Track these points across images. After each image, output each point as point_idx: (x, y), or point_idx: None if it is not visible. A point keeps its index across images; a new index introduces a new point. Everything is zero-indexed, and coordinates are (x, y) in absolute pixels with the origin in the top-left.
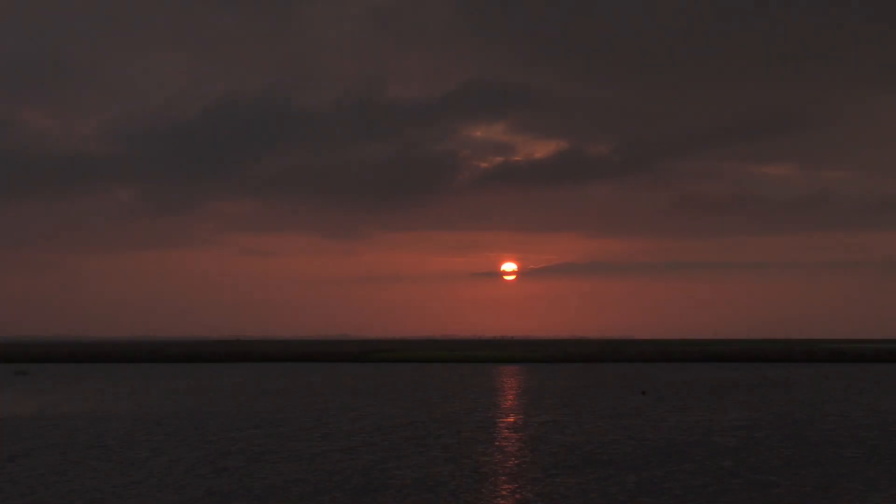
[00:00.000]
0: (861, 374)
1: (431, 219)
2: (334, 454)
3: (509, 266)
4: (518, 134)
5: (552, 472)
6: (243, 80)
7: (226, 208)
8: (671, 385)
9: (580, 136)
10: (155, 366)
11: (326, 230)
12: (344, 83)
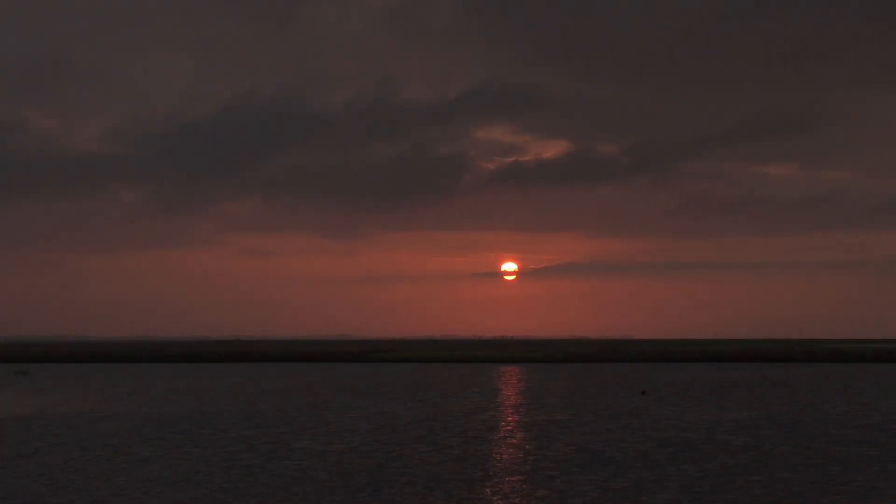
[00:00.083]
0: (861, 374)
1: (433, 219)
2: (339, 454)
3: (509, 266)
4: (525, 135)
5: (558, 471)
6: (247, 82)
7: (227, 208)
8: (671, 385)
9: (588, 137)
10: (155, 366)
11: (327, 230)
12: (350, 84)
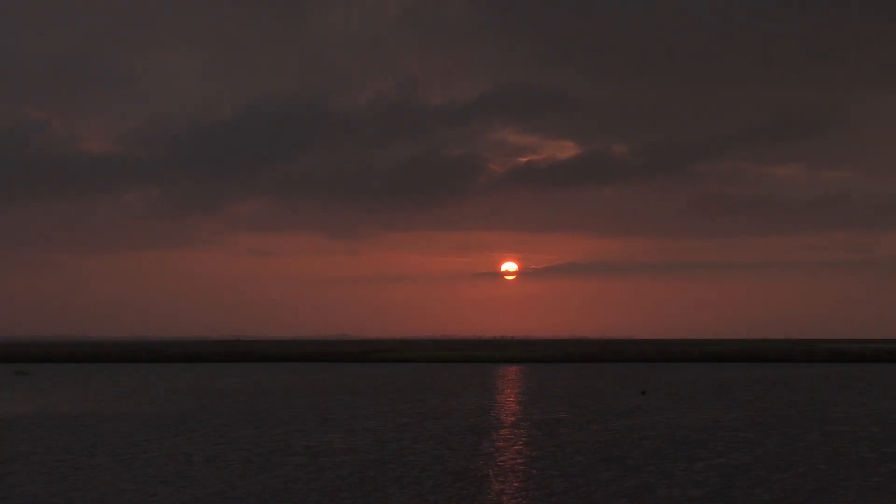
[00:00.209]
0: (861, 374)
1: (439, 219)
2: (341, 453)
3: (509, 266)
4: (539, 136)
5: (558, 471)
6: (261, 84)
7: (233, 209)
8: (671, 385)
9: (601, 138)
10: (155, 366)
11: (332, 230)
12: (363, 86)
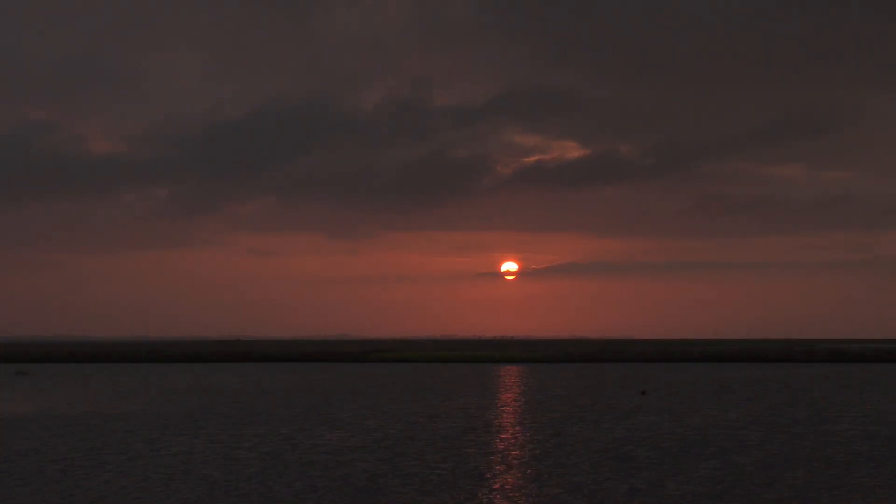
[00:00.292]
0: (861, 374)
1: (443, 220)
2: (343, 453)
3: (509, 266)
4: (546, 137)
5: (559, 471)
6: (255, 84)
7: (236, 210)
8: (671, 385)
9: (609, 139)
10: (155, 366)
11: (331, 230)
12: (371, 87)
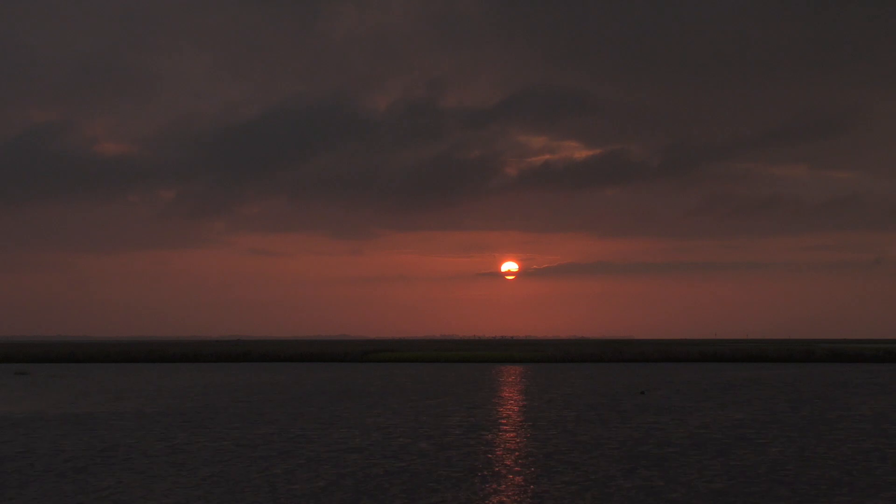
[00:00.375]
0: (861, 375)
1: (440, 220)
2: (344, 453)
3: (509, 266)
4: (554, 138)
5: (559, 471)
6: (263, 86)
7: (235, 210)
8: (671, 385)
9: (619, 140)
10: (155, 366)
11: (335, 230)
12: (375, 88)
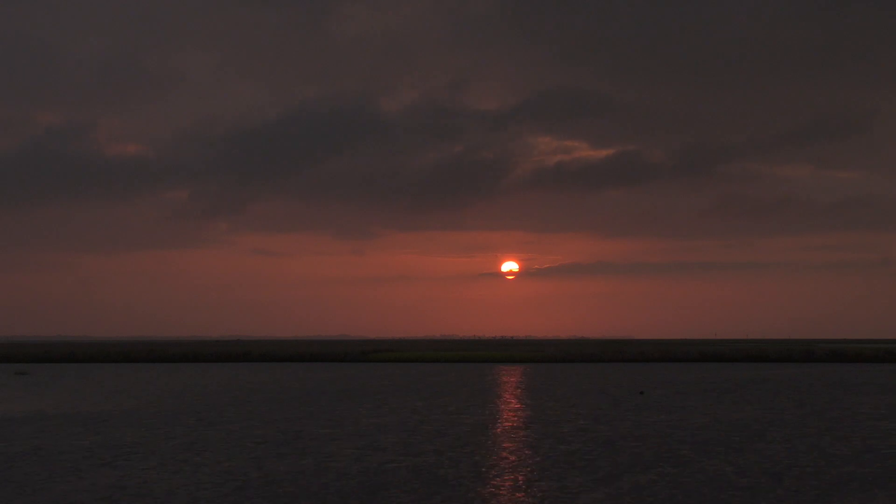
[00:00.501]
0: (861, 375)
1: (444, 220)
2: (347, 453)
3: (510, 266)
4: (560, 138)
5: (559, 471)
6: (271, 87)
7: (242, 211)
8: (671, 385)
9: (631, 141)
10: (155, 366)
11: (337, 230)
12: (383, 90)
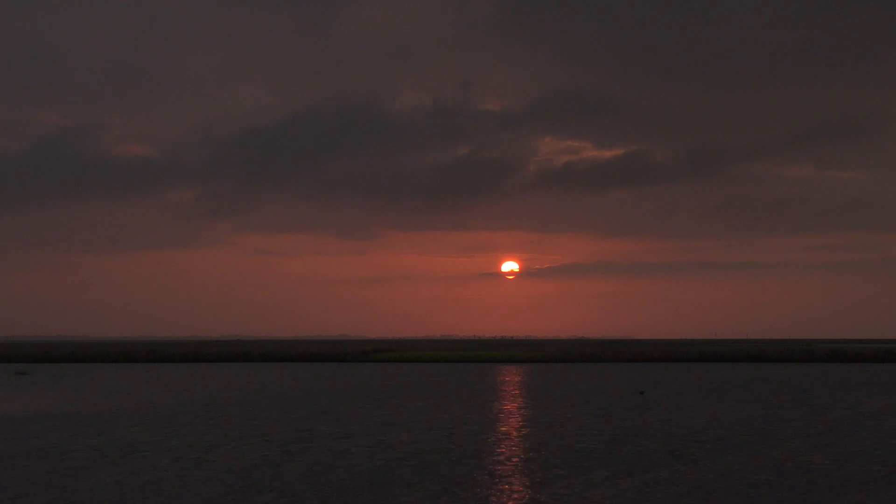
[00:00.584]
0: (862, 375)
1: (451, 221)
2: (349, 453)
3: (512, 266)
4: (565, 139)
5: (559, 471)
6: (283, 89)
7: (245, 211)
8: (671, 385)
9: (630, 142)
10: (155, 366)
11: (340, 231)
12: (389, 91)
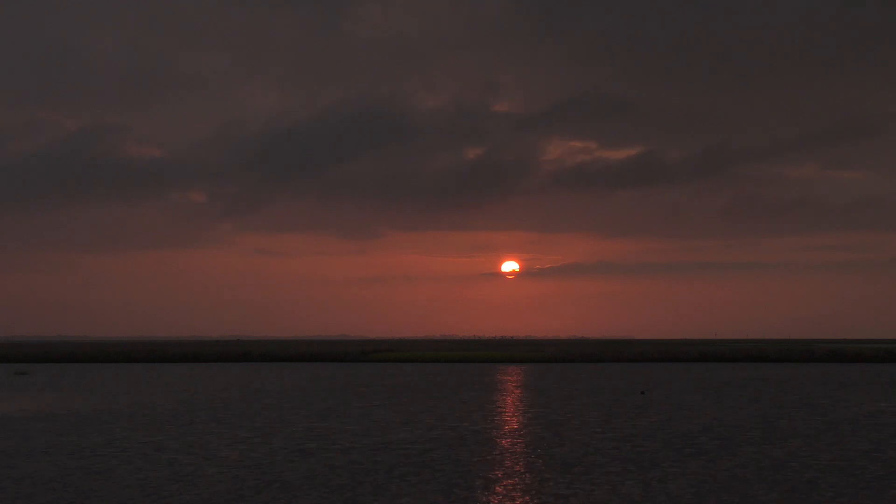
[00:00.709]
0: (862, 374)
1: (453, 221)
2: (349, 454)
3: (510, 266)
4: (555, 137)
5: (559, 471)
6: (281, 90)
7: (247, 211)
8: (671, 385)
9: (648, 143)
10: (156, 366)
11: (341, 231)
12: (393, 92)
